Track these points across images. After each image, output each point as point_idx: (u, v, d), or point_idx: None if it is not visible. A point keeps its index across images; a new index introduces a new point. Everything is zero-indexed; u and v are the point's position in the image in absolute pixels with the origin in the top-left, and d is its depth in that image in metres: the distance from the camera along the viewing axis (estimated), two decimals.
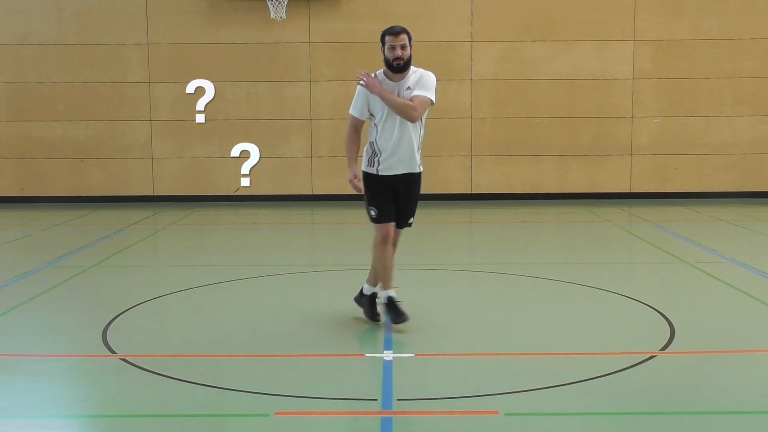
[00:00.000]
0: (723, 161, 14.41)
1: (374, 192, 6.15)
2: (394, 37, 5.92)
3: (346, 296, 7.32)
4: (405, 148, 6.05)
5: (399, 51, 5.91)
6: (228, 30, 14.09)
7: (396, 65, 5.94)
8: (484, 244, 10.80)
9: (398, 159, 6.07)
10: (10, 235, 11.23)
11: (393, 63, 5.94)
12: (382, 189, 6.14)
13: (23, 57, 14.17)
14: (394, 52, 5.91)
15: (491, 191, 14.35)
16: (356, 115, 6.17)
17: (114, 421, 4.56)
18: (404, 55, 5.92)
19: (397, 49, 5.91)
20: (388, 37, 5.95)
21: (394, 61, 5.93)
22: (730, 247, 9.64)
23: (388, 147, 6.05)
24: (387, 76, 6.04)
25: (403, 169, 6.11)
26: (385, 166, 6.10)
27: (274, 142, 14.32)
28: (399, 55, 5.91)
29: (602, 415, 4.54)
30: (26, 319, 6.70)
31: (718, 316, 6.68)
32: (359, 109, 6.14)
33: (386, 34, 5.98)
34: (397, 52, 5.91)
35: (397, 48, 5.91)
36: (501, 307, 7.00)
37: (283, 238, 11.34)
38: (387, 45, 5.95)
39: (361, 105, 6.11)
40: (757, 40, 14.15)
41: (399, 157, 6.07)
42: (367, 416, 4.49)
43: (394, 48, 5.91)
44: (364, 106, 6.11)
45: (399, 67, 5.95)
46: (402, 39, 5.92)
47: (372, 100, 6.05)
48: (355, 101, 6.14)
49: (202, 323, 6.52)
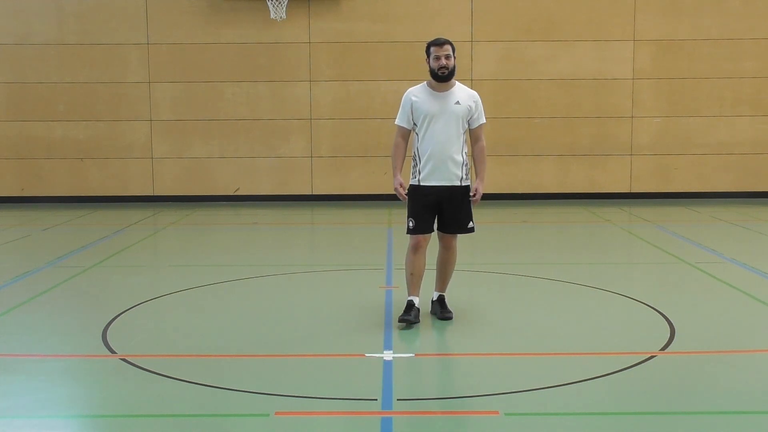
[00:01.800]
0: (723, 161, 14.41)
1: (414, 203, 6.27)
2: (438, 47, 6.14)
3: (346, 296, 7.33)
4: (446, 158, 6.15)
5: (444, 60, 6.12)
6: (228, 30, 14.09)
7: (441, 74, 6.14)
8: (484, 244, 10.79)
9: (438, 168, 6.16)
10: (10, 235, 11.23)
11: (438, 72, 6.14)
12: (422, 200, 6.22)
13: (23, 57, 14.17)
14: (439, 62, 6.13)
15: (491, 191, 14.30)
16: (403, 124, 6.31)
17: (114, 421, 4.56)
18: (449, 64, 6.13)
19: (442, 59, 6.12)
20: (433, 48, 6.17)
21: (439, 70, 6.13)
22: (730, 247, 9.64)
23: (427, 152, 6.17)
24: (431, 87, 6.24)
25: (444, 180, 6.18)
26: (424, 174, 6.19)
27: (274, 142, 14.33)
28: (444, 64, 6.12)
29: (602, 415, 4.54)
30: (26, 319, 6.70)
31: (718, 316, 6.68)
32: (405, 118, 6.28)
33: (431, 45, 6.20)
34: (441, 61, 6.12)
35: (442, 58, 6.12)
36: (501, 307, 7.00)
37: (283, 238, 11.34)
38: (432, 55, 6.17)
39: (408, 114, 6.26)
40: (757, 40, 14.15)
41: (439, 165, 6.15)
42: (367, 416, 4.49)
43: (438, 58, 6.13)
44: (408, 117, 6.27)
45: (444, 76, 6.15)
46: (446, 49, 6.14)
47: (416, 108, 6.21)
48: (401, 112, 6.31)
49: (202, 323, 6.52)
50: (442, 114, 6.15)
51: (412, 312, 6.26)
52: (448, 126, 6.15)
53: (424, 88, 6.27)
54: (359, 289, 7.61)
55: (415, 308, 6.29)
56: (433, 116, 6.15)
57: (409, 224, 6.27)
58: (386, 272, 8.33)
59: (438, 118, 6.15)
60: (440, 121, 6.15)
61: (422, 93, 6.24)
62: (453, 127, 6.16)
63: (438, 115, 6.15)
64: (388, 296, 7.22)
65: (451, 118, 6.16)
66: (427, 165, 6.17)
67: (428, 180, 6.19)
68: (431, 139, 6.15)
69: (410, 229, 6.28)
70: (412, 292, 6.33)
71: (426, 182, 6.20)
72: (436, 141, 6.14)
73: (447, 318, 6.38)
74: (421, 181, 6.22)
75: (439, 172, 6.17)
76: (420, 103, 6.19)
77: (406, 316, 6.24)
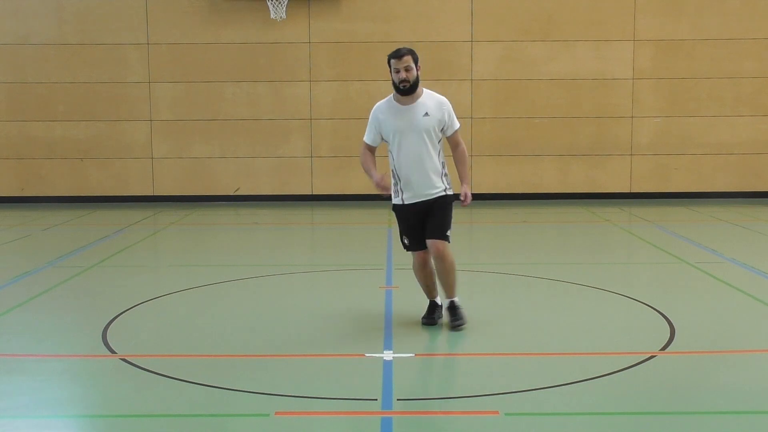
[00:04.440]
0: (723, 161, 14.41)
1: (403, 222, 6.16)
2: (397, 60, 5.86)
3: (346, 296, 7.33)
4: (423, 174, 5.97)
5: (404, 74, 5.85)
6: (228, 30, 14.09)
7: (402, 87, 5.89)
8: (484, 244, 10.79)
9: (417, 184, 5.99)
10: (10, 235, 11.23)
11: (399, 86, 5.89)
12: (410, 217, 6.10)
13: (23, 57, 14.17)
14: (399, 75, 5.86)
15: (491, 191, 14.35)
16: (369, 142, 6.16)
17: (114, 421, 4.56)
18: (409, 77, 5.86)
19: (402, 72, 5.85)
20: (393, 60, 5.89)
21: (400, 83, 5.88)
22: (730, 247, 9.64)
23: (404, 171, 6.00)
24: (397, 100, 6.00)
25: (426, 195, 6.02)
26: (408, 194, 6.04)
27: (274, 142, 14.33)
28: (404, 77, 5.85)
29: (602, 415, 4.54)
30: (26, 319, 6.70)
31: (718, 316, 6.67)
32: (372, 136, 6.14)
33: (391, 57, 5.91)
34: (401, 74, 5.85)
35: (401, 71, 5.85)
36: (500, 307, 7.00)
37: (283, 238, 11.34)
38: (392, 68, 5.90)
39: (374, 133, 6.12)
40: (757, 40, 14.15)
41: (417, 183, 5.99)
42: (367, 416, 4.49)
43: (398, 71, 5.86)
44: (377, 135, 6.12)
45: (405, 90, 5.89)
46: (406, 61, 5.85)
47: (384, 126, 6.03)
48: (368, 129, 6.14)
49: (202, 323, 6.52)
50: (411, 130, 5.92)
51: (436, 312, 6.25)
52: (420, 141, 5.93)
53: (389, 102, 6.03)
54: (359, 289, 7.61)
55: (438, 307, 6.28)
56: (402, 132, 5.93)
57: (404, 242, 6.19)
58: (386, 272, 8.32)
59: (407, 134, 5.93)
60: (410, 136, 5.93)
61: (388, 109, 6.01)
62: (425, 140, 5.94)
63: (407, 131, 5.93)
64: (388, 296, 7.22)
65: (422, 132, 5.93)
66: (408, 185, 6.00)
67: (411, 199, 6.03)
68: (406, 158, 5.95)
69: (407, 247, 6.21)
70: (431, 296, 6.31)
71: (410, 201, 6.04)
72: (411, 159, 5.94)
73: (458, 327, 6.10)
74: (405, 201, 6.06)
75: (421, 189, 6.00)
76: (386, 121, 5.99)
77: (429, 318, 6.22)
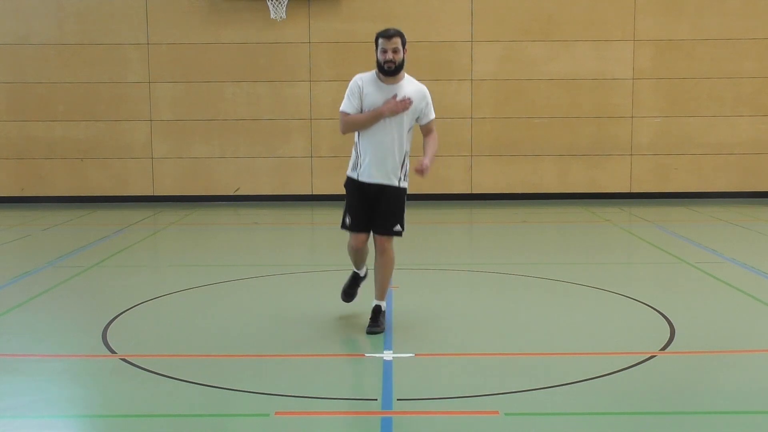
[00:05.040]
0: (723, 161, 14.41)
1: (351, 199, 6.07)
2: (386, 40, 5.82)
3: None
4: (386, 156, 5.91)
5: (391, 54, 5.81)
6: (228, 30, 14.09)
7: (387, 68, 5.84)
8: (484, 244, 10.79)
9: (377, 165, 5.91)
10: (10, 235, 11.23)
11: (384, 66, 5.84)
12: (359, 196, 6.01)
13: (23, 57, 14.17)
14: (386, 55, 5.82)
15: (491, 191, 14.34)
16: (351, 112, 5.94)
17: (114, 421, 4.56)
18: (396, 59, 5.82)
19: (389, 53, 5.81)
20: (381, 39, 5.84)
21: (385, 64, 5.84)
22: (730, 247, 9.64)
23: (370, 149, 5.92)
24: (379, 79, 5.94)
25: (380, 178, 5.94)
26: (364, 171, 5.95)
27: (274, 142, 14.33)
28: (390, 58, 5.81)
29: (602, 415, 4.54)
30: (26, 319, 6.70)
31: (718, 316, 6.68)
32: (354, 106, 5.93)
33: (379, 36, 5.87)
34: (388, 55, 5.81)
35: (389, 51, 5.81)
36: (501, 307, 7.00)
37: (283, 238, 11.34)
38: (379, 47, 5.85)
39: (357, 101, 5.93)
40: (757, 40, 14.15)
41: (377, 163, 5.91)
42: (367, 416, 4.49)
43: (386, 51, 5.81)
44: (359, 103, 5.93)
45: (390, 71, 5.85)
46: (395, 42, 5.81)
47: (366, 98, 5.90)
48: (349, 98, 5.95)
49: (202, 323, 6.52)
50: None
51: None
52: (392, 123, 5.86)
53: (372, 77, 5.95)
54: (359, 289, 7.59)
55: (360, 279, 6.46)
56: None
57: (346, 220, 6.07)
58: None
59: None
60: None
61: (371, 84, 5.92)
62: (397, 124, 5.88)
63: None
64: (388, 296, 7.20)
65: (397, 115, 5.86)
66: (366, 160, 5.92)
67: (366, 176, 5.94)
68: (374, 135, 5.88)
69: (346, 225, 6.08)
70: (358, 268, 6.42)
71: (364, 178, 5.95)
72: (379, 138, 5.87)
73: (375, 332, 6.00)
74: (360, 176, 5.97)
75: (377, 170, 5.91)
76: (369, 93, 5.89)
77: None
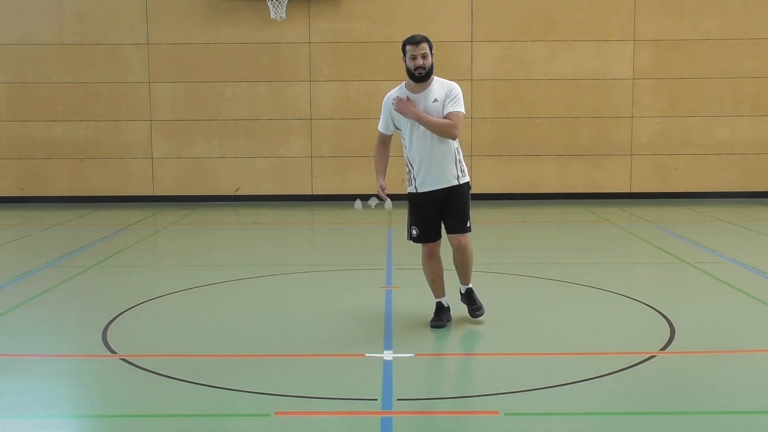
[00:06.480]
0: (723, 161, 14.41)
1: (415, 211, 6.11)
2: (414, 46, 5.83)
3: (346, 296, 7.33)
4: (437, 161, 5.94)
5: (420, 60, 5.82)
6: (228, 30, 14.09)
7: (418, 74, 5.86)
8: (484, 244, 10.78)
9: (431, 173, 5.96)
10: (10, 235, 11.23)
11: (414, 72, 5.86)
12: (423, 206, 6.05)
13: (23, 57, 14.17)
14: (416, 62, 5.83)
15: (491, 191, 14.34)
16: (382, 130, 6.12)
17: (114, 421, 4.56)
18: (425, 64, 5.84)
19: (418, 59, 5.82)
20: (409, 46, 5.86)
21: (415, 70, 5.85)
22: (730, 247, 9.64)
23: (417, 159, 5.97)
24: (409, 88, 5.97)
25: (440, 183, 5.99)
26: (420, 181, 6.01)
27: (274, 142, 14.32)
28: (420, 64, 5.83)
29: (602, 415, 4.54)
30: (26, 319, 6.70)
31: (718, 316, 6.67)
32: (384, 123, 6.09)
33: (407, 43, 5.88)
34: (418, 61, 5.83)
35: (418, 57, 5.82)
36: (501, 307, 6.99)
37: (283, 238, 11.34)
38: (408, 54, 5.86)
39: (387, 120, 6.06)
40: (757, 40, 14.15)
41: (431, 170, 5.95)
42: (367, 416, 4.49)
43: (415, 57, 5.83)
44: (389, 121, 6.06)
45: (421, 77, 5.86)
46: (423, 48, 5.83)
47: (395, 115, 5.98)
48: (382, 117, 6.10)
49: (202, 323, 6.52)
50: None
51: (443, 315, 6.22)
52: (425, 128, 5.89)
53: (401, 91, 6.00)
54: (359, 289, 7.61)
55: (445, 309, 6.25)
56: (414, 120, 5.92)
57: (412, 232, 6.13)
58: (386, 272, 8.31)
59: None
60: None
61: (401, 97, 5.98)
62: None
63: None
64: (388, 296, 7.22)
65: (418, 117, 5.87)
66: (420, 171, 5.97)
67: (425, 186, 6.00)
68: (418, 146, 5.92)
69: (414, 238, 6.14)
70: (438, 295, 6.27)
71: (423, 189, 6.02)
72: (424, 147, 5.90)
73: (477, 316, 6.22)
74: (418, 188, 6.03)
75: (434, 177, 5.97)
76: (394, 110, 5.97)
77: (437, 320, 6.17)
